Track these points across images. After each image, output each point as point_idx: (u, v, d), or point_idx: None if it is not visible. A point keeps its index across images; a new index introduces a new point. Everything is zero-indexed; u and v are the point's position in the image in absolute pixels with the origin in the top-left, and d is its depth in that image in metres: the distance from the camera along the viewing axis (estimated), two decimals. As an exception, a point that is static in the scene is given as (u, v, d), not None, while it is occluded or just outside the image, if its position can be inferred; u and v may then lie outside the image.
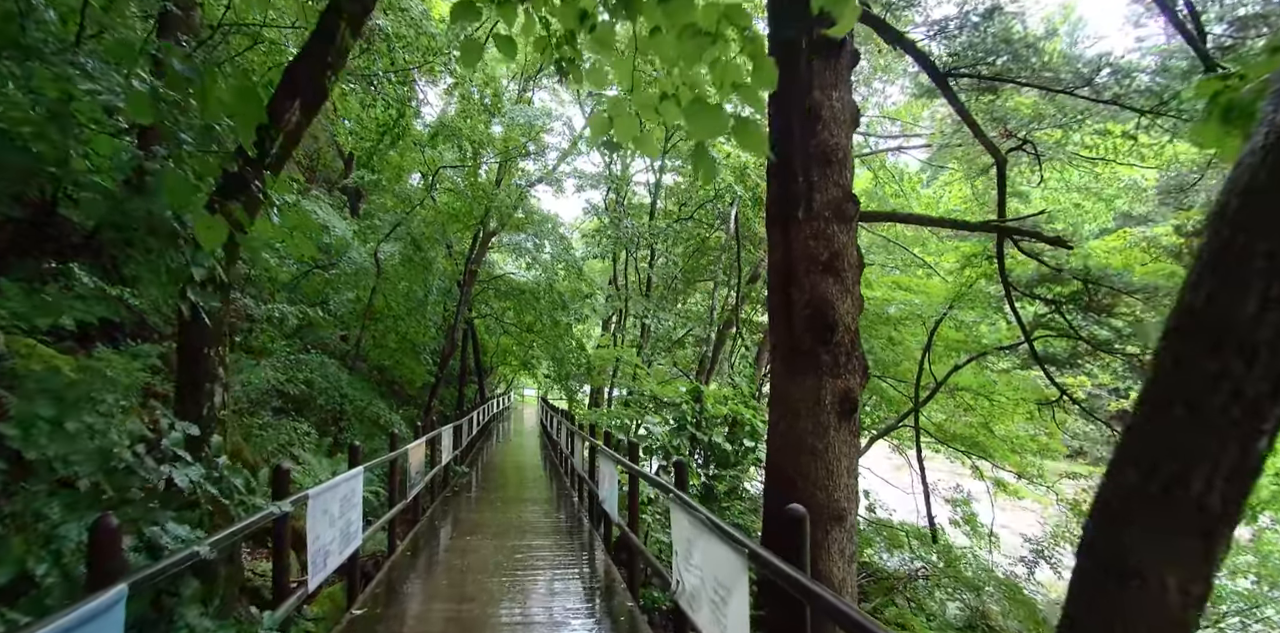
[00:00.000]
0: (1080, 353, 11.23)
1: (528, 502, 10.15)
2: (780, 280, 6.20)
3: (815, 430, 5.79)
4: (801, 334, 5.93)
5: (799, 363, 5.91)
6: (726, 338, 12.78)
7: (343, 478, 4.22)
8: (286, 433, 8.34)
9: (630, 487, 5.59)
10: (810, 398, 5.87)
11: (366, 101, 13.16)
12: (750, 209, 12.79)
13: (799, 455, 5.79)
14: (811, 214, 6.07)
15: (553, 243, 23.96)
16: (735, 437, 8.80)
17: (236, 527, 2.85)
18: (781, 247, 6.20)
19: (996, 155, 8.38)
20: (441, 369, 16.45)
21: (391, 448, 6.46)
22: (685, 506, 3.68)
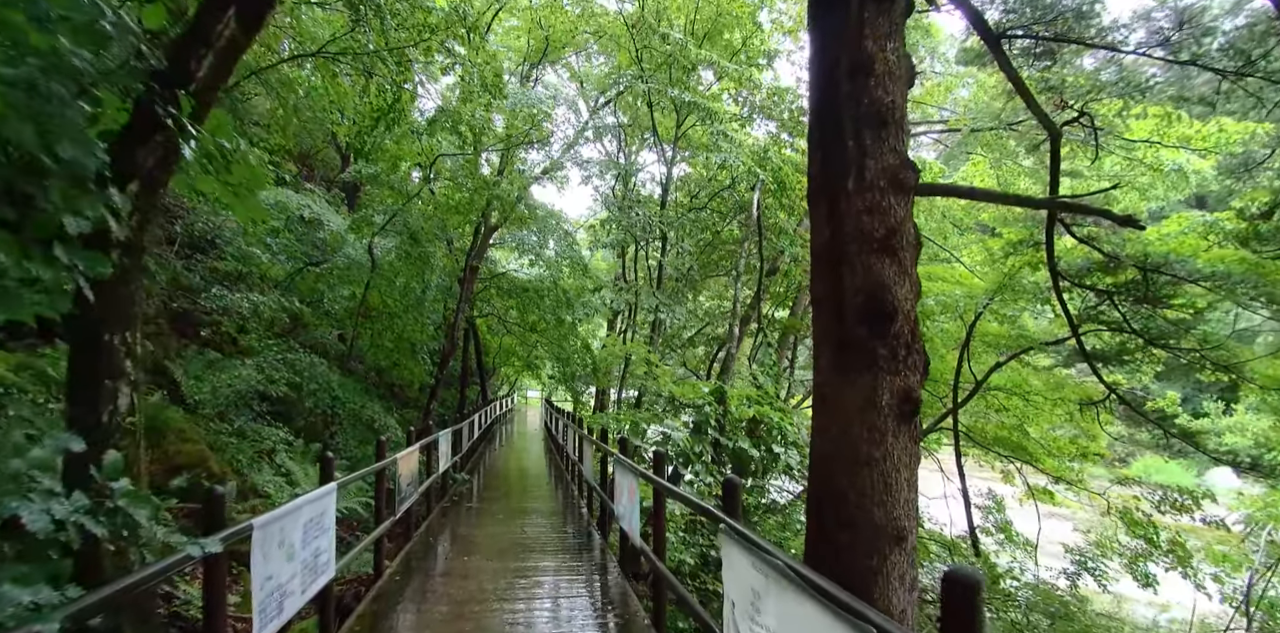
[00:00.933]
0: (1129, 349, 10.38)
1: (533, 514, 9.37)
2: (826, 263, 5.34)
3: (870, 437, 4.95)
4: (854, 325, 5.08)
5: (850, 358, 5.05)
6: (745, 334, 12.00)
7: (306, 499, 3.46)
8: (269, 439, 7.55)
9: (655, 505, 4.80)
10: (864, 399, 5.03)
11: (359, 85, 12.40)
12: (774, 196, 12.00)
13: (851, 466, 4.95)
14: (864, 184, 5.22)
15: (557, 239, 23.26)
16: (761, 442, 8.01)
17: (124, 582, 2.08)
18: (828, 224, 5.34)
19: (1050, 129, 7.57)
20: (441, 370, 15.69)
21: (378, 457, 5.69)
22: (747, 544, 2.89)
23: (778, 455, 7.85)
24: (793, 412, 8.57)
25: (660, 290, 13.53)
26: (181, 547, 2.31)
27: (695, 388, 8.46)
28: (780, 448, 7.84)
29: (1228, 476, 32.47)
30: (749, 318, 14.09)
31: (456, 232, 19.85)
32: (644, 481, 5.02)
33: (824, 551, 4.82)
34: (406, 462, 6.48)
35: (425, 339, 15.37)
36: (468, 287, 17.29)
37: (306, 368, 10.72)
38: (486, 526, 8.41)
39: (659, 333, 14.17)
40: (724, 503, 3.44)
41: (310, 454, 9.88)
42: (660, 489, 4.66)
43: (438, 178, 14.64)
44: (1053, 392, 11.88)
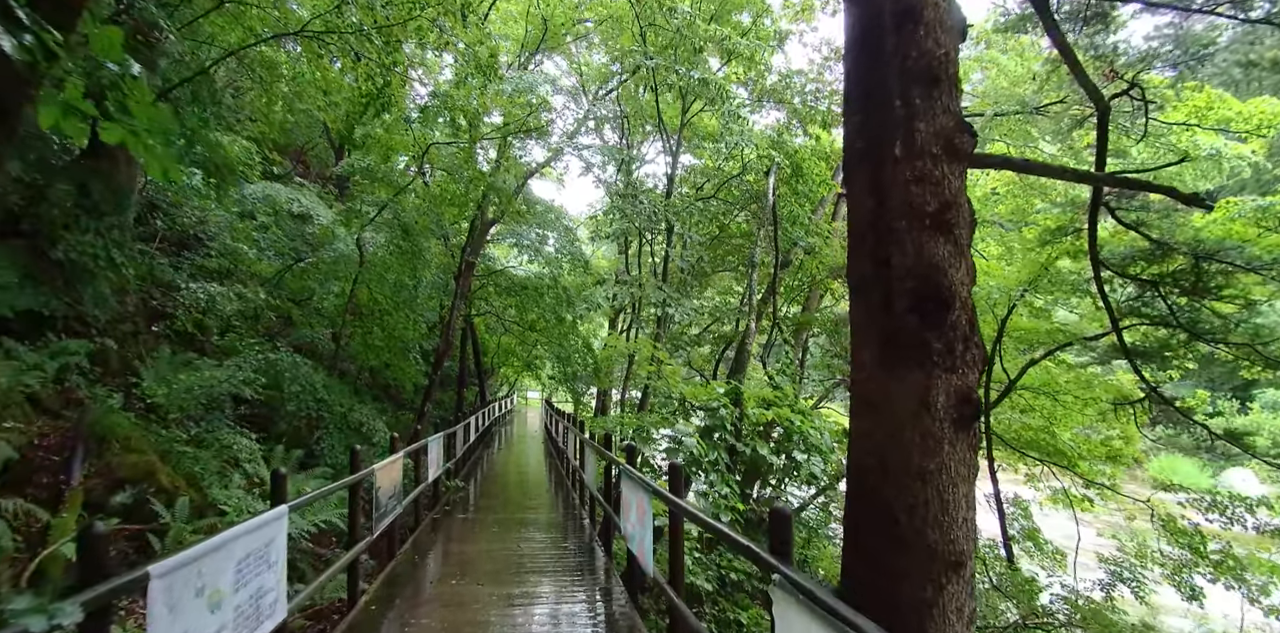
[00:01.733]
0: (1171, 345, 9.68)
1: (531, 526, 8.67)
2: (869, 242, 4.61)
3: (924, 445, 4.23)
4: (903, 314, 4.34)
5: (900, 353, 4.31)
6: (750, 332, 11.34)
7: (241, 530, 2.75)
8: (234, 447, 6.85)
9: (672, 528, 4.11)
10: (916, 401, 4.31)
11: (347, 68, 11.71)
12: (789, 182, 11.31)
13: (901, 479, 4.24)
14: (914, 150, 4.49)
15: (557, 235, 22.58)
16: (780, 447, 7.33)
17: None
18: (871, 196, 4.61)
19: (1098, 102, 6.92)
20: (436, 370, 15.01)
21: (353, 468, 4.99)
22: (816, 606, 2.18)
23: (799, 463, 7.17)
24: (813, 414, 7.90)
25: (666, 284, 12.82)
26: (15, 620, 1.62)
27: (708, 389, 7.77)
28: (802, 454, 7.16)
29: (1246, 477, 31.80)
30: (760, 314, 13.39)
31: (453, 227, 19.18)
32: (657, 499, 4.34)
33: (865, 576, 4.15)
34: (387, 473, 5.80)
35: (418, 338, 14.70)
36: (464, 283, 16.61)
37: (289, 368, 10.02)
38: (480, 540, 7.71)
39: (665, 330, 13.46)
40: (773, 542, 2.74)
41: (291, 460, 9.21)
42: (678, 511, 3.97)
43: (432, 168, 13.95)
44: (1083, 391, 11.18)
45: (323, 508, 7.34)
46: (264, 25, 11.11)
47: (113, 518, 4.80)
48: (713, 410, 7.33)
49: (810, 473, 7.14)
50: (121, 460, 5.23)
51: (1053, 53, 6.27)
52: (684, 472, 6.62)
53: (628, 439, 7.65)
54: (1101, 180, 6.51)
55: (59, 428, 5.34)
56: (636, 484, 4.94)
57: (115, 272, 9.03)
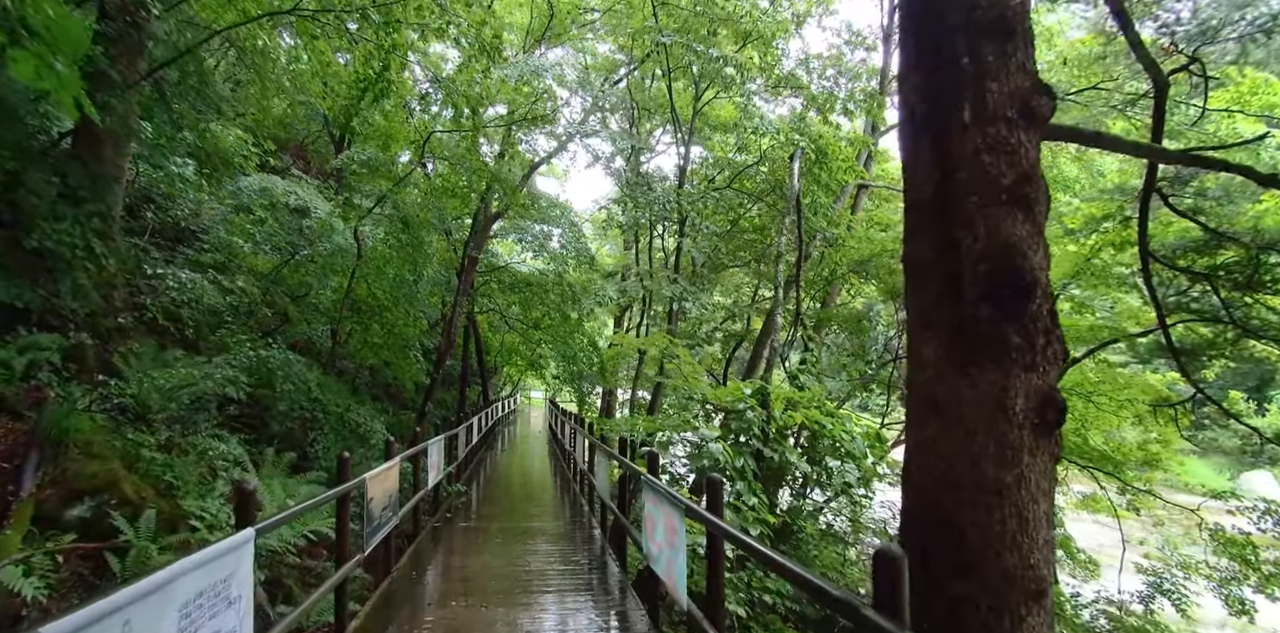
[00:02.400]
0: (1219, 343, 9.12)
1: (538, 536, 8.12)
2: (932, 222, 4.02)
3: (1000, 455, 3.65)
4: (976, 303, 3.74)
5: (971, 349, 3.71)
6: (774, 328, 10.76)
7: (186, 565, 2.19)
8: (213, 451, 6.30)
9: (711, 555, 3.54)
10: (991, 404, 3.73)
11: (343, 49, 11.18)
12: (814, 168, 10.72)
13: (974, 494, 3.68)
14: (985, 115, 3.88)
15: (562, 231, 22.03)
16: (811, 453, 6.78)
17: None
18: (935, 168, 4.01)
19: (1157, 77, 6.39)
20: (437, 369, 14.49)
21: (340, 477, 4.45)
22: None
23: (831, 470, 6.62)
24: (842, 416, 7.35)
25: (679, 277, 12.24)
26: None
27: (733, 388, 7.20)
28: (835, 461, 6.61)
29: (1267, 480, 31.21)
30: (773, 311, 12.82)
31: (455, 222, 18.66)
32: (691, 518, 3.77)
33: (927, 606, 3.58)
34: (381, 482, 5.26)
35: (418, 335, 14.16)
36: (466, 279, 16.11)
37: (281, 366, 9.50)
38: (484, 552, 7.17)
39: (676, 327, 12.89)
40: (880, 593, 2.16)
41: (283, 464, 8.68)
42: (721, 535, 3.39)
43: (433, 159, 13.42)
44: (1119, 391, 10.60)
45: (314, 517, 6.81)
46: (258, 7, 10.57)
47: (67, 534, 4.29)
48: (739, 413, 6.76)
49: (845, 481, 6.58)
50: (80, 468, 4.70)
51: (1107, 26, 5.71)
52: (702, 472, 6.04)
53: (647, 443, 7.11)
54: (1174, 158, 5.96)
55: (16, 431, 4.82)
56: (664, 499, 4.38)
57: (95, 262, 8.49)
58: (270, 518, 3.10)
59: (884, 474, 7.60)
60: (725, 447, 5.98)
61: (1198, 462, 32.56)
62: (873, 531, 7.78)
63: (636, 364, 15.12)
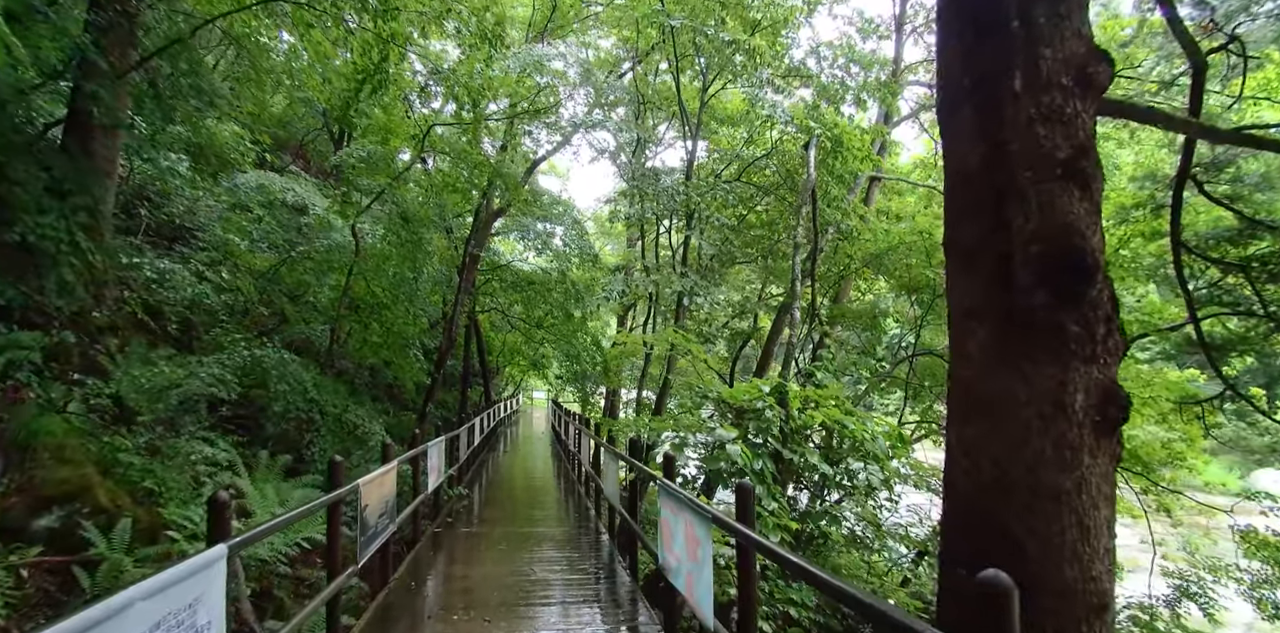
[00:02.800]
0: (1251, 337, 8.77)
1: (543, 542, 7.80)
2: (978, 201, 3.66)
3: (1058, 457, 3.31)
4: (1029, 290, 3.38)
5: (1025, 340, 3.35)
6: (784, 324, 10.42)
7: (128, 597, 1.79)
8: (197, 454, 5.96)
9: (742, 570, 3.19)
10: (1048, 401, 3.37)
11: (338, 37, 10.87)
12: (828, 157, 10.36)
13: (1029, 500, 3.33)
14: (1039, 83, 3.53)
15: (565, 228, 21.71)
16: (831, 454, 6.44)
17: None
18: (980, 142, 3.65)
19: (1194, 57, 6.05)
20: (438, 369, 14.17)
21: (331, 483, 4.12)
22: None
23: (852, 472, 6.27)
24: (863, 416, 7.01)
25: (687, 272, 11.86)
26: None
27: (750, 387, 6.85)
28: (857, 462, 6.27)
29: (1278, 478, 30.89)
30: (789, 306, 12.47)
31: (456, 220, 18.35)
32: (718, 528, 3.41)
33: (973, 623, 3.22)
34: (376, 488, 4.93)
35: (418, 334, 13.84)
36: (468, 277, 15.81)
37: (275, 365, 9.19)
38: (486, 561, 6.83)
39: (684, 323, 12.53)
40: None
41: (278, 467, 8.37)
42: (753, 547, 3.01)
43: (433, 154, 13.11)
44: (1142, 389, 10.26)
45: (308, 523, 6.49)
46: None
47: (33, 547, 3.97)
48: (757, 412, 6.42)
49: (869, 484, 6.23)
50: (50, 474, 4.38)
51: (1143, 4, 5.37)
52: (718, 475, 5.69)
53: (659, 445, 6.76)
54: (1226, 137, 5.62)
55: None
56: (685, 507, 4.00)
57: (80, 257, 8.17)
58: (247, 532, 2.78)
59: (906, 475, 7.28)
60: (744, 448, 5.63)
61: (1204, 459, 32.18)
62: (899, 535, 7.42)
63: (643, 364, 14.76)
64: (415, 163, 12.62)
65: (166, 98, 9.89)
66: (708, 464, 5.53)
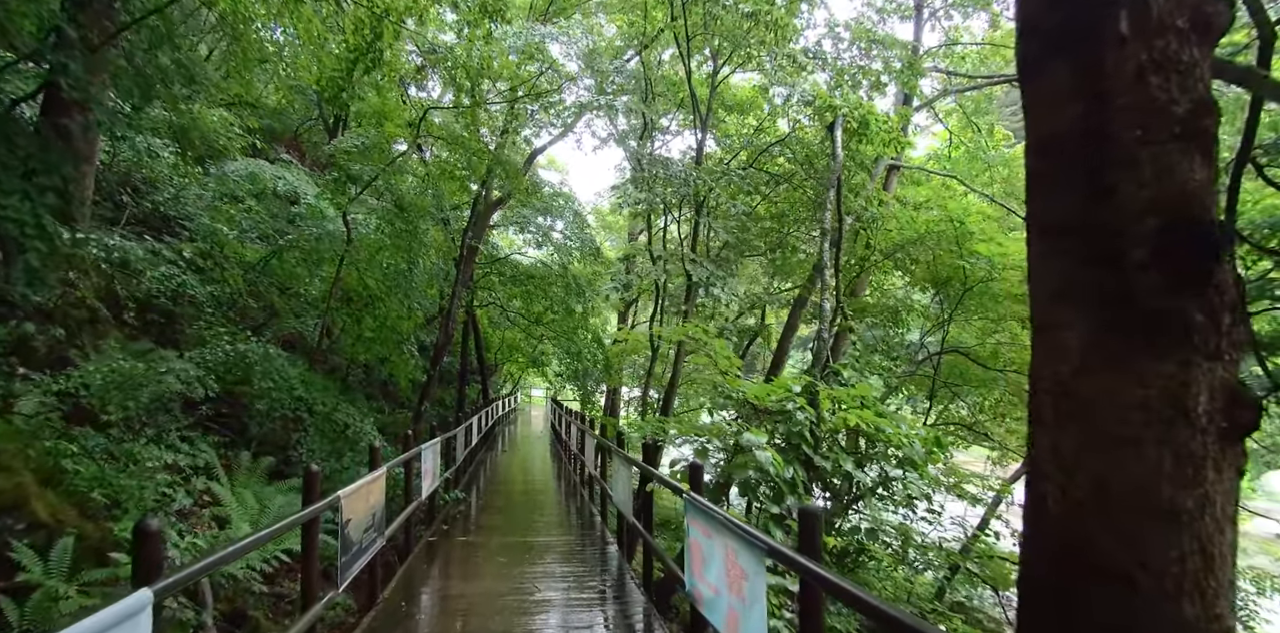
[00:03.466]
0: (1301, 336, 8.23)
1: (546, 553, 7.28)
2: (1072, 167, 3.04)
3: (1177, 470, 2.73)
4: (1140, 271, 2.78)
5: (1135, 330, 2.75)
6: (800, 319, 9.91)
7: None
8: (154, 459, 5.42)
9: (806, 610, 2.63)
10: (1164, 403, 2.78)
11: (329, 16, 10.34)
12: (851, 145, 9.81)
13: (1138, 521, 2.71)
14: (1149, 25, 2.90)
15: (566, 221, 21.23)
16: (865, 459, 5.92)
17: None
18: (1077, 97, 3.03)
19: (1264, 28, 5.43)
20: (435, 365, 13.66)
21: (306, 497, 3.60)
22: None
23: (891, 480, 5.75)
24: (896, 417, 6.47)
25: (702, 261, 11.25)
26: None
27: (779, 384, 6.28)
28: (896, 469, 5.74)
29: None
30: (804, 301, 11.97)
31: (454, 213, 17.84)
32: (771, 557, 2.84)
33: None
34: (361, 499, 4.42)
35: (413, 328, 13.31)
36: (465, 270, 15.30)
37: (260, 360, 8.66)
38: (485, 575, 6.31)
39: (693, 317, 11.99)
40: None
41: (260, 470, 7.85)
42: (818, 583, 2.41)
43: (430, 142, 12.58)
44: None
45: (291, 534, 5.96)
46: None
47: (-45, 570, 3.47)
48: (787, 413, 5.86)
49: (908, 494, 5.71)
50: (-21, 485, 3.88)
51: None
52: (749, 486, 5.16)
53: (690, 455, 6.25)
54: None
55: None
56: (727, 532, 3.33)
57: (47, 243, 7.60)
58: (179, 573, 2.26)
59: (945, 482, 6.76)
60: (775, 454, 5.09)
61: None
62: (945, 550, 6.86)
63: (650, 360, 14.22)
64: (412, 149, 12.07)
65: (144, 73, 9.34)
66: (732, 472, 4.99)
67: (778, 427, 5.84)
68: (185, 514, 5.76)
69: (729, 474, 5.03)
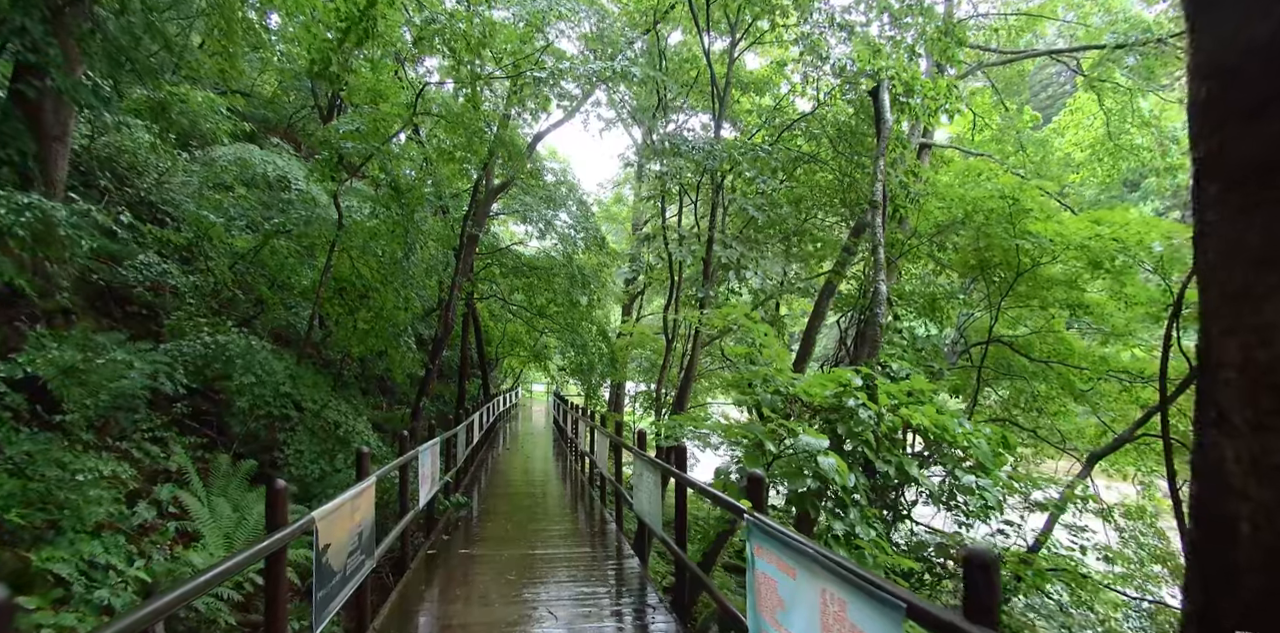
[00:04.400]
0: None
1: (560, 569, 6.53)
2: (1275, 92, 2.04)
3: None
4: None
5: None
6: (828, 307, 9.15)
7: None
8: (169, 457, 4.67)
9: None
10: None
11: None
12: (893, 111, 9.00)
13: None
14: None
15: (570, 208, 20.47)
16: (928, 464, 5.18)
17: None
18: (1274, 11, 1.99)
19: None
20: (434, 360, 12.93)
21: (271, 522, 2.86)
22: None
23: (962, 489, 4.99)
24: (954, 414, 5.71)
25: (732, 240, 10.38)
26: None
27: (835, 377, 5.44)
28: (967, 474, 4.97)
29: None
30: (833, 287, 11.22)
31: (453, 200, 17.07)
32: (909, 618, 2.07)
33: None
34: (341, 520, 3.67)
35: (409, 320, 12.54)
36: (465, 259, 14.54)
37: (241, 353, 7.91)
38: (492, 598, 5.53)
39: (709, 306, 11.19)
40: None
41: (241, 475, 7.11)
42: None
43: (426, 117, 11.79)
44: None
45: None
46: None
47: None
48: (847, 411, 5.07)
49: (984, 504, 4.94)
50: None
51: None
52: (802, 499, 4.41)
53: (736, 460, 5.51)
54: None
55: None
56: (829, 574, 2.55)
57: (0, 221, 6.83)
58: None
59: (1022, 489, 6.00)
60: (840, 461, 4.30)
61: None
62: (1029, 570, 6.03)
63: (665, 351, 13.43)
64: (408, 126, 11.28)
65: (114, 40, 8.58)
66: (790, 481, 4.21)
67: (835, 426, 5.05)
68: (148, 529, 5.02)
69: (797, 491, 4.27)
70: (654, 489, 5.73)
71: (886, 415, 5.08)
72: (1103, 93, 15.23)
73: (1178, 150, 16.27)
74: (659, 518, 5.83)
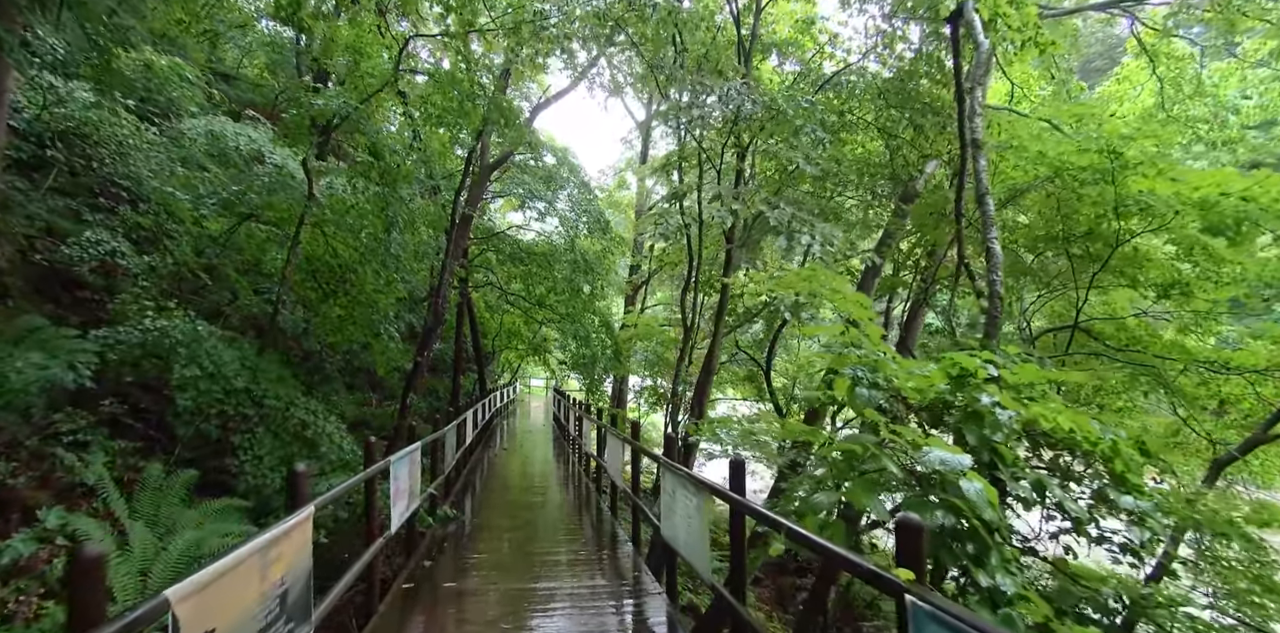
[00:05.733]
0: None
1: (573, 614, 5.16)
2: None
3: None
4: None
5: None
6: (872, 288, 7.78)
7: None
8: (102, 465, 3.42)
9: None
10: None
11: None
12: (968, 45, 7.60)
13: None
14: None
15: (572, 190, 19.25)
16: (1073, 476, 3.91)
17: None
18: None
19: None
20: (422, 352, 11.63)
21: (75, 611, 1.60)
22: None
23: (1119, 512, 3.71)
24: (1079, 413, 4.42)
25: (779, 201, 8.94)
26: None
27: (947, 366, 4.03)
28: (1126, 496, 3.68)
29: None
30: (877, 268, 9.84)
31: (445, 180, 15.78)
32: None
33: None
34: (230, 594, 2.37)
35: (392, 305, 11.24)
36: (458, 240, 13.25)
37: (187, 341, 6.65)
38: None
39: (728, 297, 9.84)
40: None
41: (176, 489, 5.83)
42: None
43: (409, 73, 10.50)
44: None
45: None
46: None
47: None
48: (971, 414, 3.71)
49: (1153, 536, 3.64)
50: None
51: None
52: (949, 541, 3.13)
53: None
54: None
55: None
56: None
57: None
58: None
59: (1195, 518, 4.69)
60: (989, 487, 2.99)
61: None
62: None
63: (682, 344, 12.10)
64: (391, 87, 9.95)
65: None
66: (919, 512, 2.88)
67: (962, 432, 3.74)
68: (20, 571, 3.78)
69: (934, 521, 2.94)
70: (696, 516, 4.33)
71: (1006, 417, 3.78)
72: (1157, 59, 13.93)
73: (1237, 122, 14.92)
74: (705, 555, 4.40)
